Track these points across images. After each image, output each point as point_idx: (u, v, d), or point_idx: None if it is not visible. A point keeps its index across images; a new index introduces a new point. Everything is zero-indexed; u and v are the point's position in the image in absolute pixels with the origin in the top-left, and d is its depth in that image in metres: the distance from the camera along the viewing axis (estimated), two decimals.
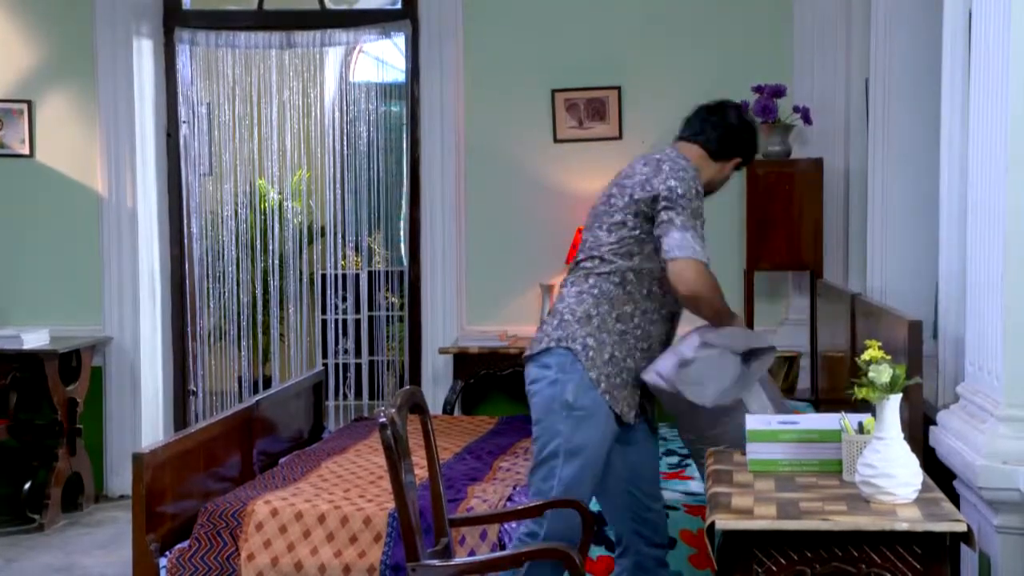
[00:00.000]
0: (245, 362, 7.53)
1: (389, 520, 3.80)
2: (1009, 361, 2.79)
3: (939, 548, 2.60)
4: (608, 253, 3.47)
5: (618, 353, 3.44)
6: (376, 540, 3.77)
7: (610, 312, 3.43)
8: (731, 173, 3.77)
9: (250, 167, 7.55)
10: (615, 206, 3.51)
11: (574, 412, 3.38)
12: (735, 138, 3.69)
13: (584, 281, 3.49)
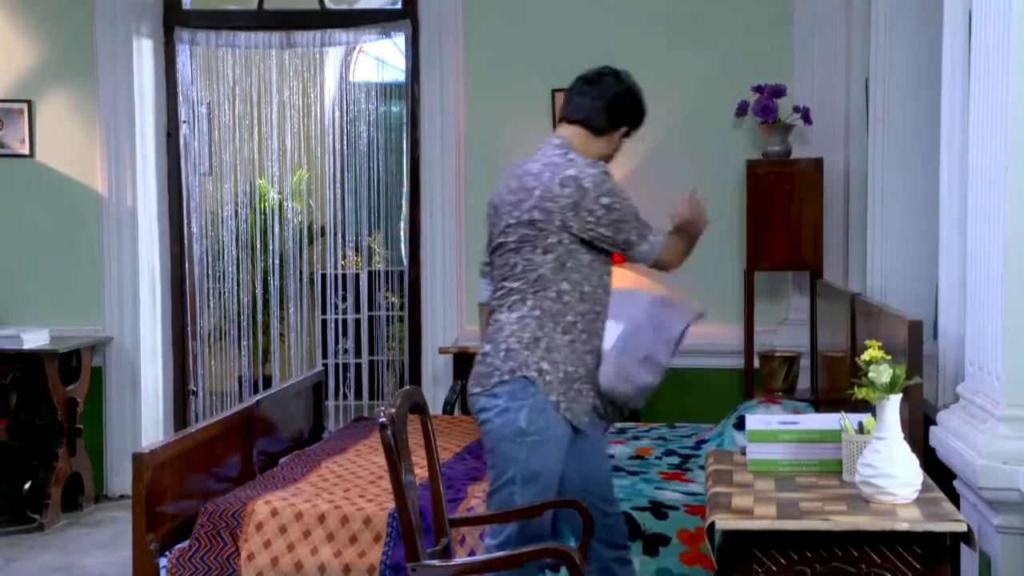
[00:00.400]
0: (245, 362, 7.53)
1: (389, 520, 3.80)
2: (1009, 361, 2.79)
3: (939, 548, 2.60)
4: (548, 272, 3.40)
5: (571, 368, 3.39)
6: (376, 540, 3.77)
7: (555, 328, 3.38)
8: (621, 142, 3.71)
9: (250, 167, 7.55)
10: (547, 230, 3.39)
11: (528, 438, 3.32)
12: (618, 108, 3.61)
13: (522, 305, 3.41)
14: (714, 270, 6.22)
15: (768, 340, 6.06)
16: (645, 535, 3.77)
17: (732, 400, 5.71)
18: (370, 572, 3.71)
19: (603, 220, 3.42)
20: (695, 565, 3.73)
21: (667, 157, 6.26)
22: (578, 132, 3.59)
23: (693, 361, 6.16)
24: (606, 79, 3.63)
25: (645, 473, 4.52)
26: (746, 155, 6.00)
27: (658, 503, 3.93)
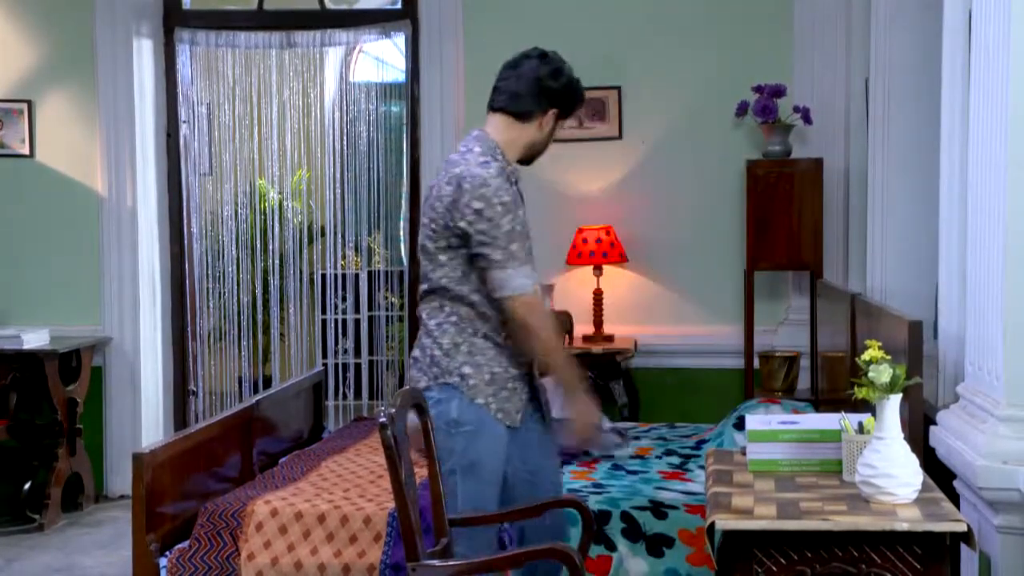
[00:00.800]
0: (245, 362, 7.53)
1: (389, 520, 3.80)
2: (1009, 361, 2.79)
3: (939, 548, 2.60)
4: (450, 282, 3.31)
5: (498, 368, 3.30)
6: (376, 540, 3.77)
7: (475, 334, 3.29)
8: (555, 128, 3.46)
9: (250, 167, 7.54)
10: (438, 232, 3.29)
11: (462, 428, 3.24)
12: (542, 89, 3.38)
13: (440, 311, 3.34)
14: (714, 270, 6.23)
15: (768, 340, 6.07)
16: (647, 535, 3.77)
17: (732, 400, 5.71)
18: (370, 572, 3.71)
19: (473, 225, 3.21)
20: (703, 566, 3.72)
21: (667, 157, 6.27)
22: (501, 120, 3.40)
23: (693, 361, 6.20)
24: (528, 61, 3.44)
25: (645, 472, 4.52)
26: (746, 155, 6.00)
27: (658, 503, 3.93)
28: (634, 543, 3.77)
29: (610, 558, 3.75)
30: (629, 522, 3.81)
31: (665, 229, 6.28)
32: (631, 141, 6.31)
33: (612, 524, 3.80)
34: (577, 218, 6.23)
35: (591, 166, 6.34)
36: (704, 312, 6.24)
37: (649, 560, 3.75)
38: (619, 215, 6.25)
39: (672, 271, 6.29)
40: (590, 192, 6.35)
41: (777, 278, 6.18)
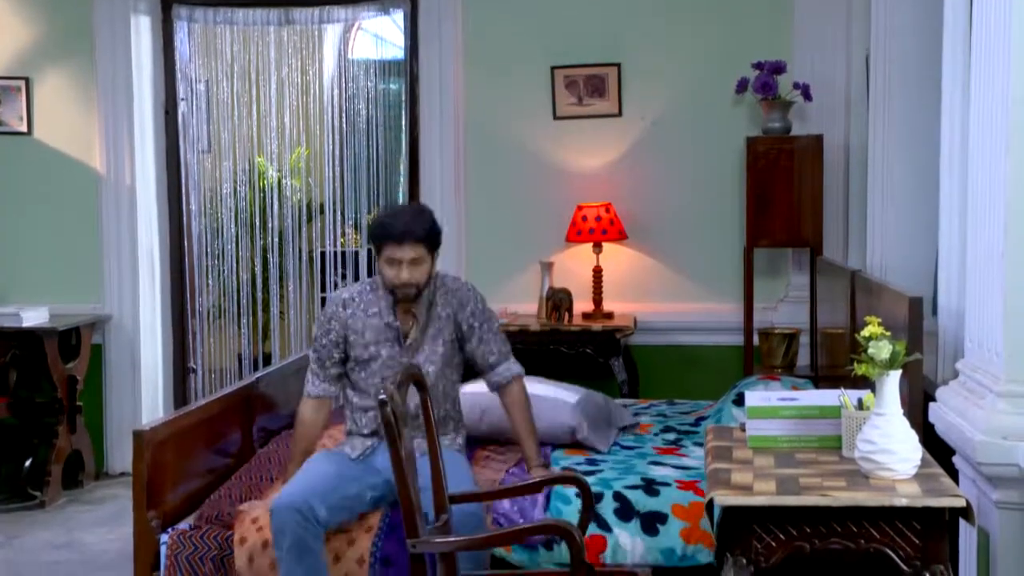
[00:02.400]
0: (245, 339, 7.53)
1: (382, 515, 3.80)
2: (1009, 337, 2.79)
3: (938, 523, 2.61)
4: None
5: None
6: (367, 532, 3.77)
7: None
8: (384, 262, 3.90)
9: (249, 144, 7.53)
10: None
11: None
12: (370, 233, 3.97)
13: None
14: (714, 247, 6.23)
15: (768, 317, 6.07)
16: (640, 513, 3.78)
17: (731, 377, 5.72)
18: (359, 564, 3.70)
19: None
20: (698, 543, 3.73)
21: (667, 134, 6.26)
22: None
23: (693, 338, 6.21)
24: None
25: (640, 447, 4.53)
26: (746, 132, 5.99)
27: (650, 480, 3.94)
28: (627, 522, 3.77)
29: (604, 538, 3.75)
30: (621, 501, 3.81)
31: (665, 206, 6.27)
32: (631, 118, 6.29)
33: (604, 505, 3.80)
34: (576, 195, 6.23)
35: (591, 143, 6.32)
36: (704, 289, 6.24)
37: (644, 538, 3.75)
38: (619, 192, 6.24)
39: (672, 248, 6.28)
40: (590, 169, 6.34)
41: (777, 255, 6.18)
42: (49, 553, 5.23)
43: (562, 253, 6.30)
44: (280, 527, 3.55)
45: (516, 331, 5.95)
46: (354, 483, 3.76)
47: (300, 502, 3.55)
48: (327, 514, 3.59)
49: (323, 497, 3.61)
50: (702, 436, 4.55)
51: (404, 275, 3.83)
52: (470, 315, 4.01)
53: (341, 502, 3.68)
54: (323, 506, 3.58)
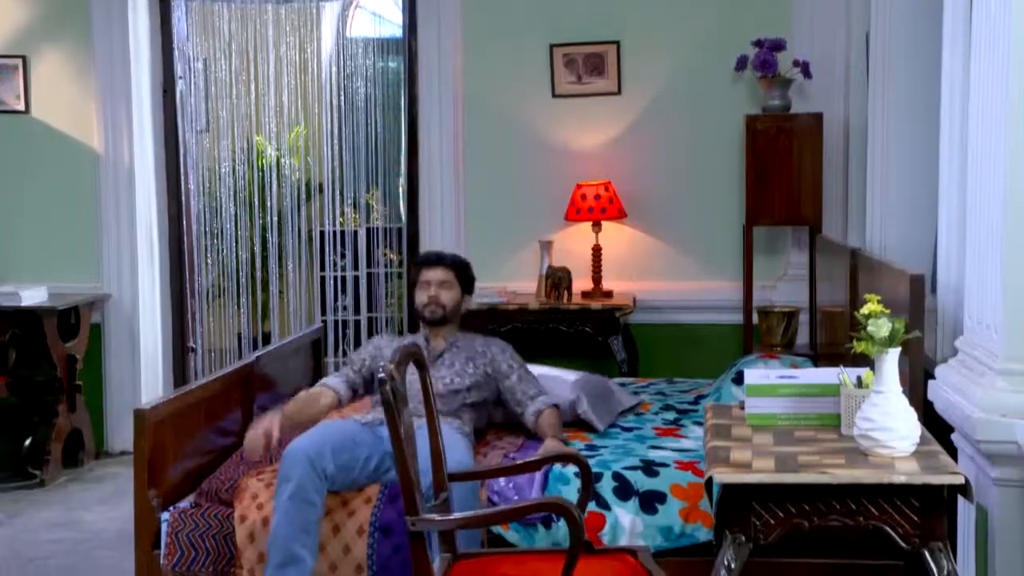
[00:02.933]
0: (244, 319, 7.54)
1: (381, 487, 3.81)
2: (1008, 315, 2.79)
3: (937, 501, 2.62)
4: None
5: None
6: (366, 503, 3.78)
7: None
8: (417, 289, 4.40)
9: (247, 123, 7.51)
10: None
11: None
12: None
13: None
14: (713, 226, 6.22)
15: (767, 295, 6.07)
16: (638, 492, 3.79)
17: (731, 355, 5.72)
18: (359, 533, 3.72)
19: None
20: (696, 521, 3.74)
21: (666, 112, 6.24)
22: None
23: (692, 317, 6.21)
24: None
25: (640, 429, 4.53)
26: (745, 110, 5.97)
27: (649, 461, 3.94)
28: (625, 501, 3.78)
29: (603, 516, 3.76)
30: (620, 481, 3.82)
31: (664, 184, 6.26)
32: (630, 96, 6.28)
33: (603, 484, 3.81)
34: (576, 174, 6.21)
35: (590, 121, 6.31)
36: (703, 268, 6.24)
37: (643, 516, 3.76)
38: (618, 171, 6.23)
39: (671, 227, 6.28)
40: (589, 147, 6.33)
41: (776, 233, 6.17)
42: (49, 531, 5.24)
43: (561, 232, 6.30)
44: (287, 472, 3.62)
45: (515, 310, 5.95)
46: (364, 447, 3.83)
47: (313, 452, 3.65)
48: (334, 470, 3.68)
49: (335, 453, 3.70)
50: (701, 415, 4.56)
51: (432, 292, 4.31)
52: (509, 358, 4.35)
53: (349, 462, 3.75)
54: (332, 462, 3.68)
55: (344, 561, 3.71)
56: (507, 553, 3.33)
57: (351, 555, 3.70)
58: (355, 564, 3.70)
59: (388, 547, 3.69)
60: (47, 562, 4.83)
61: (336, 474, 3.70)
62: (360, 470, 3.80)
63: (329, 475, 3.67)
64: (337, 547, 3.71)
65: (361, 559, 3.70)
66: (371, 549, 3.70)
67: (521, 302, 6.02)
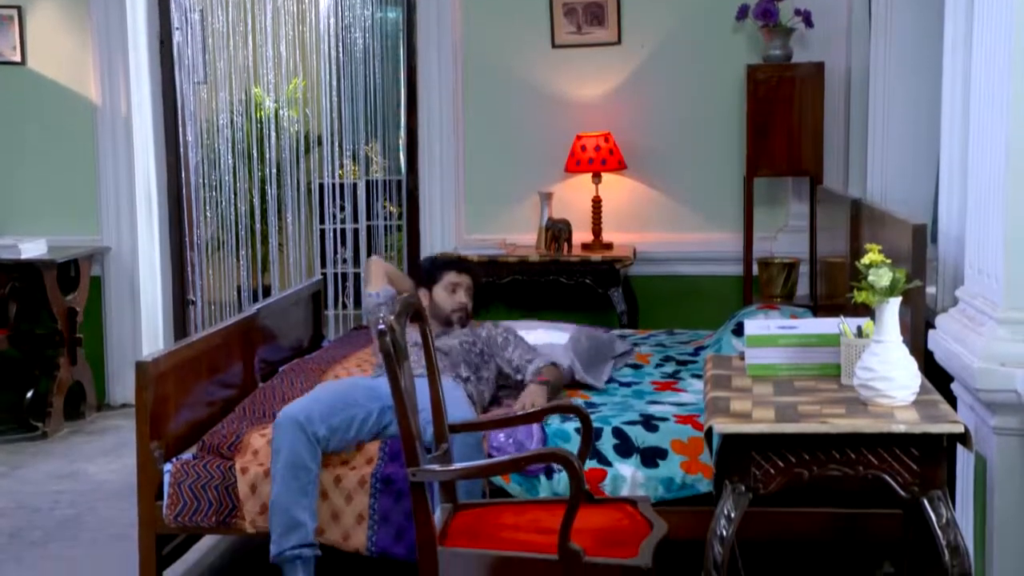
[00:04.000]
0: (244, 271, 7.53)
1: (381, 445, 3.82)
2: (1008, 264, 2.78)
3: (936, 449, 2.63)
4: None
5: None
6: (368, 462, 3.79)
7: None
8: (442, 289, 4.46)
9: (245, 75, 7.47)
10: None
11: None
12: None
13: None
14: (714, 177, 6.20)
15: (767, 247, 6.06)
16: (640, 448, 3.80)
17: (731, 307, 5.72)
18: (361, 484, 3.73)
19: None
20: (697, 473, 3.75)
21: (667, 62, 6.20)
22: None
23: (692, 268, 6.20)
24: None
25: (638, 384, 4.53)
26: (746, 60, 5.93)
27: (648, 416, 3.95)
28: (626, 458, 3.79)
29: (604, 471, 3.77)
30: (620, 437, 3.82)
31: (664, 136, 6.23)
32: (630, 46, 6.23)
33: (604, 440, 3.81)
34: (575, 125, 6.18)
35: (589, 72, 6.27)
36: (703, 219, 6.23)
37: (644, 471, 3.77)
38: (618, 121, 6.20)
39: (671, 178, 6.25)
40: (589, 98, 6.29)
41: (776, 184, 6.15)
42: (53, 483, 5.27)
43: (561, 183, 6.28)
44: (279, 441, 3.66)
45: (515, 262, 5.95)
46: (358, 408, 3.83)
47: (302, 418, 3.67)
48: (327, 433, 3.69)
49: (324, 417, 3.71)
50: (701, 366, 4.56)
51: (463, 298, 4.42)
52: (503, 331, 4.40)
53: (342, 424, 3.75)
54: (324, 425, 3.69)
55: (346, 510, 3.73)
56: (508, 503, 3.35)
57: (353, 504, 3.72)
58: (357, 513, 3.72)
59: (389, 497, 3.71)
60: (51, 513, 4.87)
61: (329, 436, 3.71)
62: (356, 430, 3.80)
63: (321, 438, 3.68)
64: (339, 497, 3.73)
65: (363, 509, 3.72)
66: (373, 499, 3.72)
67: (521, 254, 6.01)
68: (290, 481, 3.63)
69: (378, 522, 3.71)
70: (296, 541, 3.62)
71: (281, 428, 3.68)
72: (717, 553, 2.66)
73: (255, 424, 4.03)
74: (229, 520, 3.80)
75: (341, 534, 3.74)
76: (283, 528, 3.62)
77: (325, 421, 3.71)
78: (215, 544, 4.43)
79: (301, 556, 3.62)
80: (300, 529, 3.62)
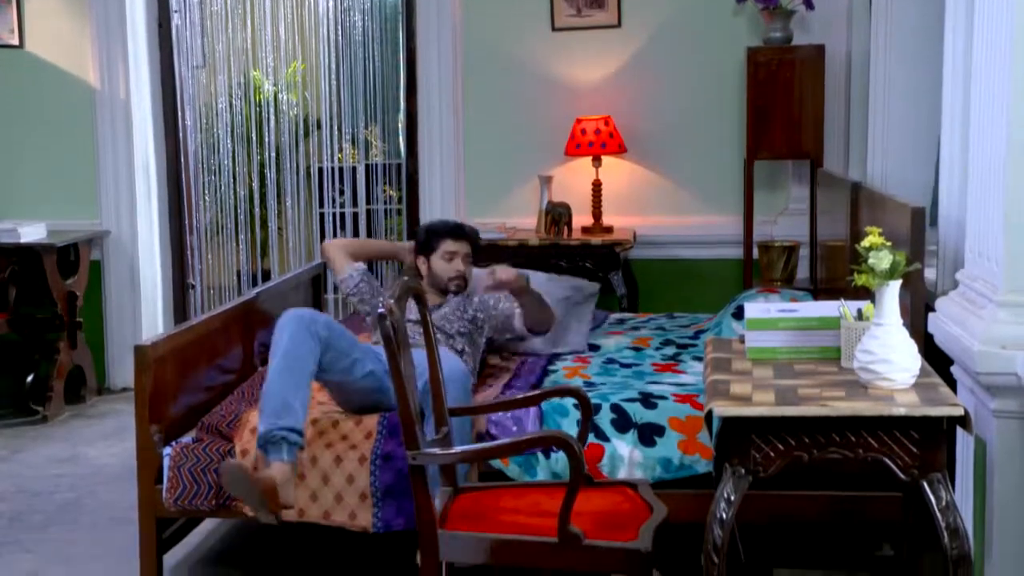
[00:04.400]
0: (243, 256, 7.53)
1: (380, 420, 3.82)
2: (1009, 247, 2.78)
3: (936, 432, 2.63)
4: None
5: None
6: (367, 437, 3.79)
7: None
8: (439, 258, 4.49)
9: (244, 58, 7.45)
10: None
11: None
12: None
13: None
14: (714, 160, 6.19)
15: (767, 230, 6.05)
16: (637, 424, 3.80)
17: (731, 290, 5.72)
18: (360, 462, 3.74)
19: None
20: (695, 453, 3.75)
21: (667, 45, 6.18)
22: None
23: (692, 252, 6.20)
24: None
25: (639, 365, 4.54)
26: (746, 42, 5.91)
27: (647, 394, 3.96)
28: (624, 433, 3.79)
29: (602, 447, 3.78)
30: (619, 413, 3.83)
31: (664, 119, 6.22)
32: (630, 29, 6.21)
33: (602, 416, 3.82)
34: (575, 108, 6.17)
35: (589, 55, 6.25)
36: (703, 202, 6.22)
37: (641, 449, 3.77)
38: (618, 105, 6.18)
39: (671, 161, 6.24)
40: (589, 82, 6.27)
41: (777, 167, 6.14)
42: (53, 467, 5.28)
43: (561, 167, 6.27)
44: (279, 334, 3.67)
45: (515, 246, 5.94)
46: (357, 350, 3.84)
47: (307, 314, 3.70)
48: (327, 334, 3.69)
49: (328, 325, 3.73)
50: (701, 349, 4.56)
51: (460, 266, 4.42)
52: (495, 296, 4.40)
53: (343, 347, 3.76)
54: (327, 329, 3.70)
55: (348, 491, 3.73)
56: (507, 487, 3.35)
57: (355, 484, 3.72)
58: (359, 492, 3.72)
59: (391, 473, 3.71)
60: (51, 497, 4.87)
61: (329, 339, 3.69)
62: (350, 366, 3.79)
63: (323, 339, 3.67)
64: (340, 477, 3.73)
65: (365, 487, 3.72)
66: (374, 476, 3.72)
67: (521, 238, 6.00)
68: (287, 371, 3.60)
69: (381, 499, 3.72)
70: (288, 423, 3.55)
71: (284, 322, 3.68)
72: (717, 536, 2.67)
73: (254, 405, 4.03)
74: (228, 503, 3.80)
75: (347, 514, 3.74)
76: (275, 409, 3.56)
77: (328, 328, 3.71)
78: (215, 528, 4.43)
79: (288, 439, 3.55)
80: (292, 413, 3.57)
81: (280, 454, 3.53)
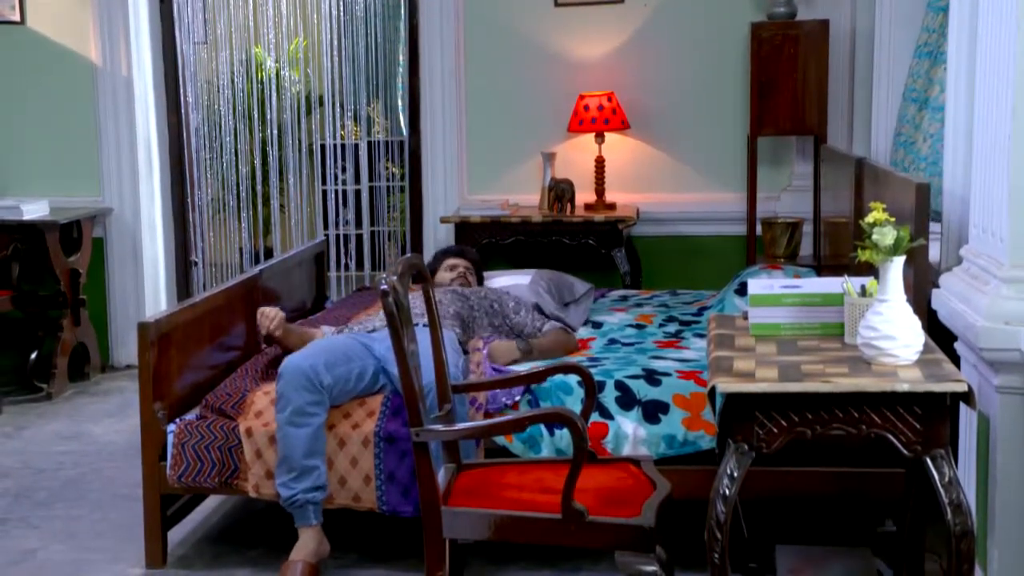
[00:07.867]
0: (246, 233, 7.52)
1: (383, 400, 3.82)
2: (1013, 223, 2.77)
3: (939, 408, 2.63)
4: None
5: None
6: (370, 416, 3.80)
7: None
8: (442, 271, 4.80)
9: (245, 34, 7.42)
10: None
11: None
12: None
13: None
14: (717, 136, 6.17)
15: (771, 206, 6.04)
16: (641, 401, 3.80)
17: (734, 267, 5.72)
18: (364, 444, 3.74)
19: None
20: (699, 430, 3.76)
21: (670, 20, 6.15)
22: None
23: (695, 228, 6.19)
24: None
25: (641, 343, 4.53)
26: (750, 17, 5.88)
27: (651, 370, 3.96)
28: (628, 410, 3.80)
29: (606, 425, 3.78)
30: (623, 390, 3.83)
31: (668, 95, 6.20)
32: (633, 5, 6.18)
33: (606, 393, 3.82)
34: (578, 84, 6.15)
35: (592, 31, 6.22)
36: (707, 179, 6.20)
37: (646, 426, 3.78)
38: (621, 81, 6.16)
39: (675, 137, 6.22)
40: (592, 58, 6.25)
41: (780, 144, 6.12)
42: (58, 444, 5.29)
43: (564, 143, 6.25)
44: (285, 391, 3.69)
45: (518, 223, 5.93)
46: (356, 361, 3.87)
47: (307, 366, 3.71)
48: (331, 381, 3.73)
49: (329, 366, 3.75)
50: (704, 326, 4.56)
51: (461, 270, 4.72)
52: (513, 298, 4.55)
53: (345, 375, 3.79)
54: (329, 374, 3.73)
55: (352, 474, 3.74)
56: (511, 463, 3.36)
57: (359, 467, 3.73)
58: (363, 475, 3.73)
59: (394, 455, 3.72)
60: (56, 473, 4.89)
61: (333, 385, 3.74)
62: (355, 383, 3.83)
63: (326, 386, 3.71)
64: (344, 461, 3.74)
65: (369, 470, 3.73)
66: (378, 459, 3.73)
67: (524, 214, 5.99)
68: (298, 428, 3.65)
69: (385, 481, 3.73)
70: (307, 484, 3.65)
71: (287, 377, 3.70)
72: (720, 512, 2.67)
73: (258, 384, 4.03)
74: (231, 481, 3.81)
75: (351, 497, 3.76)
76: (294, 473, 3.65)
77: (329, 370, 3.74)
78: (219, 504, 4.45)
79: (312, 501, 3.66)
80: (310, 473, 3.66)
81: (307, 519, 3.68)
